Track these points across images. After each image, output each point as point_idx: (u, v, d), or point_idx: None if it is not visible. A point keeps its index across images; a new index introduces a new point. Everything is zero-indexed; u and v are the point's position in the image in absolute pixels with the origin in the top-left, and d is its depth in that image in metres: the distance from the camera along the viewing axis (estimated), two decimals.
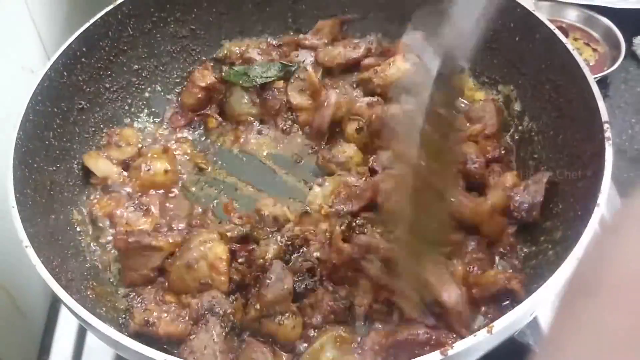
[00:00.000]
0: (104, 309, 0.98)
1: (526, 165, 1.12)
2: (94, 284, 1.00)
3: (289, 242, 1.02)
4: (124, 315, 0.99)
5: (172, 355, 0.73)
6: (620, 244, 0.47)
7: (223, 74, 1.30)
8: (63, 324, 1.17)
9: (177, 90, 1.33)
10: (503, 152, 1.15)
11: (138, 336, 0.91)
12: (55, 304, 1.22)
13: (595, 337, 0.43)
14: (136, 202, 1.11)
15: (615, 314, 0.43)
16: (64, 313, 1.18)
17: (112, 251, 1.08)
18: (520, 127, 1.16)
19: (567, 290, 0.49)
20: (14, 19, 1.19)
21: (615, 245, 0.48)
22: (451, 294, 0.89)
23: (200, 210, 1.15)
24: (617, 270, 0.46)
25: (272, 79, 1.26)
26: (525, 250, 1.03)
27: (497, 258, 1.03)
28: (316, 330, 0.94)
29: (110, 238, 1.09)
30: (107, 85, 1.21)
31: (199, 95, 1.28)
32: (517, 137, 1.17)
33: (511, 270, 1.00)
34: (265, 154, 1.25)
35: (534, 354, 0.47)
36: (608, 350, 0.42)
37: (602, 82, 1.50)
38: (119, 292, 1.04)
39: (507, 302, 0.96)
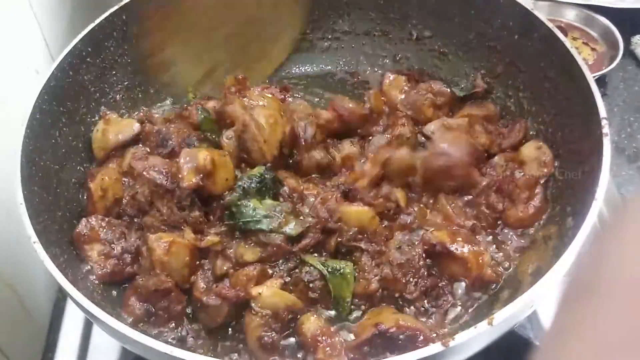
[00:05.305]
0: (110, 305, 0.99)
1: None
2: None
3: None
4: None
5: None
6: (620, 245, 0.48)
7: None
8: (68, 322, 1.18)
9: None
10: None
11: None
12: (60, 301, 1.23)
13: (594, 338, 0.44)
14: None
15: (615, 314, 0.44)
16: (69, 310, 1.19)
17: None
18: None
19: (566, 290, 0.49)
20: (19, 21, 1.21)
21: (615, 245, 0.48)
22: None
23: None
24: (617, 271, 0.46)
25: None
26: (523, 244, 1.04)
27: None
28: None
29: None
30: (112, 85, 1.23)
31: None
32: None
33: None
34: None
35: (534, 348, 0.47)
36: (607, 351, 0.42)
37: (601, 81, 1.51)
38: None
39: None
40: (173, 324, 0.97)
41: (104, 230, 1.03)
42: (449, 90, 1.22)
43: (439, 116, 1.19)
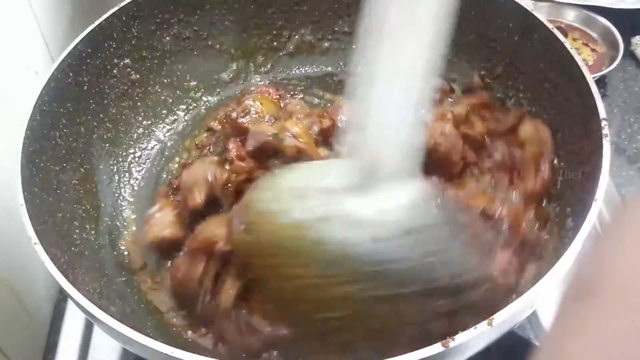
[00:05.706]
0: (110, 307, 0.99)
1: None
2: (102, 281, 1.02)
3: None
4: None
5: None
6: (620, 245, 0.48)
7: None
8: (69, 323, 1.18)
9: None
10: None
11: None
12: (60, 302, 1.23)
13: (594, 338, 0.44)
14: None
15: (615, 315, 0.44)
16: (70, 311, 1.20)
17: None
18: None
19: (567, 292, 0.49)
20: (18, 21, 1.21)
21: (615, 245, 0.48)
22: None
23: None
24: (617, 271, 0.46)
25: None
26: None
27: None
28: None
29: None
30: (113, 86, 1.23)
31: None
32: None
33: None
34: None
35: (534, 348, 0.47)
36: (608, 351, 0.42)
37: (601, 82, 1.51)
38: (128, 290, 1.05)
39: None
40: None
41: None
42: (448, 86, 1.23)
43: None
